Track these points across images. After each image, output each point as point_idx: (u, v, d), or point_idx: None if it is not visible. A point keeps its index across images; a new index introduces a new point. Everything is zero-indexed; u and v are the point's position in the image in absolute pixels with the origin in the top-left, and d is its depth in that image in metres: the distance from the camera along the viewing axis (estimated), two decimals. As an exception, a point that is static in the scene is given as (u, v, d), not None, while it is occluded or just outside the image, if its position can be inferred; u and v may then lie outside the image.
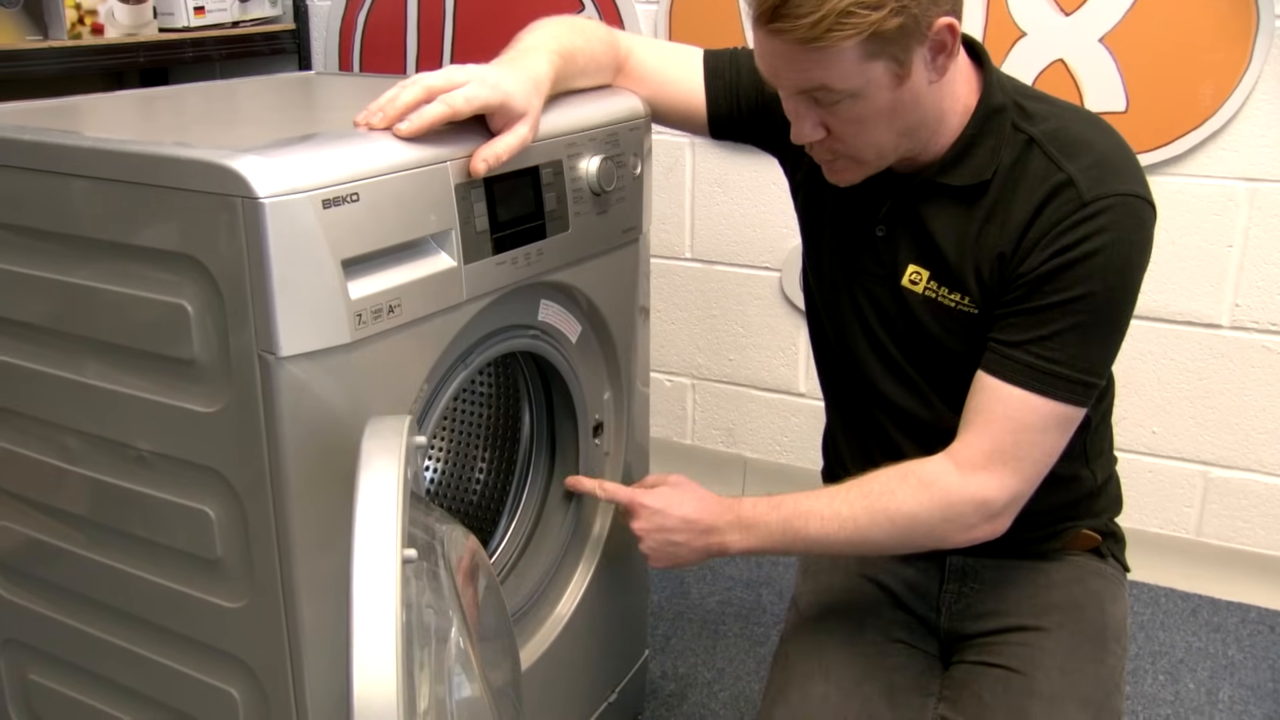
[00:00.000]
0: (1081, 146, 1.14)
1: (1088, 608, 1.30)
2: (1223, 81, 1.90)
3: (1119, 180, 1.12)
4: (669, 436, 2.59)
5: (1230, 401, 2.07)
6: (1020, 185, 1.15)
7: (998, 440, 1.15)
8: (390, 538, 0.77)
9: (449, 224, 1.11)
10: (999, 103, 1.17)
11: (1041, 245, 1.12)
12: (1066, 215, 1.11)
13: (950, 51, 1.10)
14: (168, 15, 2.30)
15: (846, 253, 1.29)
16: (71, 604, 1.28)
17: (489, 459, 1.55)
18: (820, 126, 1.13)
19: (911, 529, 1.18)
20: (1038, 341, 1.13)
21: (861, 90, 1.07)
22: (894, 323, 1.26)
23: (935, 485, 1.17)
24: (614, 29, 1.40)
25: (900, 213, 1.23)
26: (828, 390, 1.44)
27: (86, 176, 1.06)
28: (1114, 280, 1.12)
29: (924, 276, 1.22)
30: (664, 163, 2.36)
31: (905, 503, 1.18)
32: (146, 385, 1.09)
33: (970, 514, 1.17)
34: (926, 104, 1.13)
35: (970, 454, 1.17)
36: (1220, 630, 2.07)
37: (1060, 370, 1.13)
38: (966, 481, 1.16)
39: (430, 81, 1.11)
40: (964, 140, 1.17)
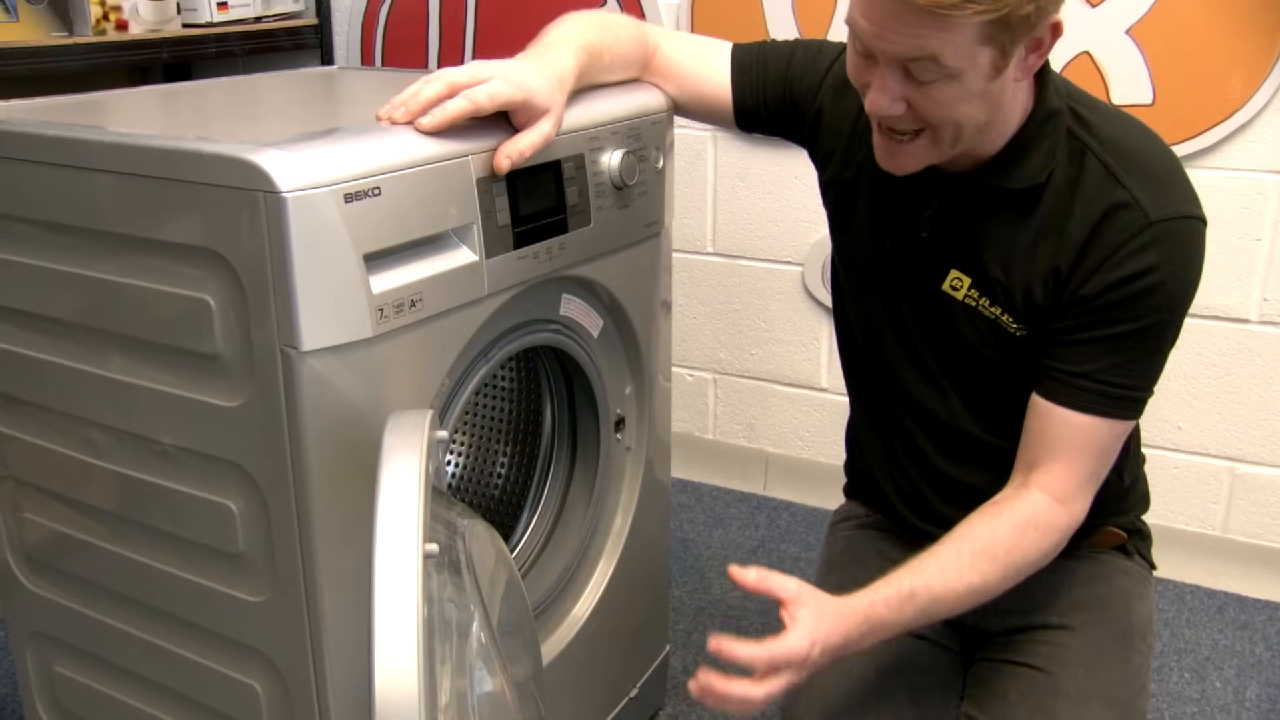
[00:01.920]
0: (1140, 160, 1.13)
1: (1113, 606, 1.29)
2: (1252, 73, 1.88)
3: (1181, 201, 1.11)
4: (691, 431, 2.58)
5: (1258, 397, 2.05)
6: (1077, 198, 1.13)
7: (1086, 468, 1.17)
8: (412, 532, 0.77)
9: (470, 218, 1.11)
10: (1055, 106, 1.14)
11: (1105, 269, 1.11)
12: (1130, 238, 1.10)
13: (1044, 51, 1.07)
14: (191, 11, 2.31)
15: (884, 253, 1.26)
16: (96, 597, 1.29)
17: (510, 454, 1.55)
18: (901, 101, 1.08)
19: (1029, 569, 1.19)
20: (1110, 369, 1.13)
21: (963, 73, 1.03)
22: (928, 326, 1.24)
23: (1051, 529, 1.18)
24: (642, 24, 1.39)
25: (947, 216, 1.20)
26: (852, 386, 1.42)
27: (110, 171, 1.06)
28: (1178, 305, 1.13)
29: (965, 284, 1.20)
30: (686, 157, 2.35)
31: (1031, 553, 1.17)
32: (170, 379, 1.09)
33: (1067, 535, 1.19)
34: (1005, 101, 1.10)
35: (1065, 487, 1.17)
36: (1248, 628, 2.05)
37: (1132, 394, 1.15)
38: (1068, 513, 1.18)
39: (453, 77, 1.11)
40: (1019, 143, 1.14)
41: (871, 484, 1.41)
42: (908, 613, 1.14)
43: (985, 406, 1.25)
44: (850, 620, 1.12)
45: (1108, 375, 1.13)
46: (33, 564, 1.35)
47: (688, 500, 2.51)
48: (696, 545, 2.34)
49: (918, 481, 1.33)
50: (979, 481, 1.28)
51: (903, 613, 1.14)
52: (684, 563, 2.27)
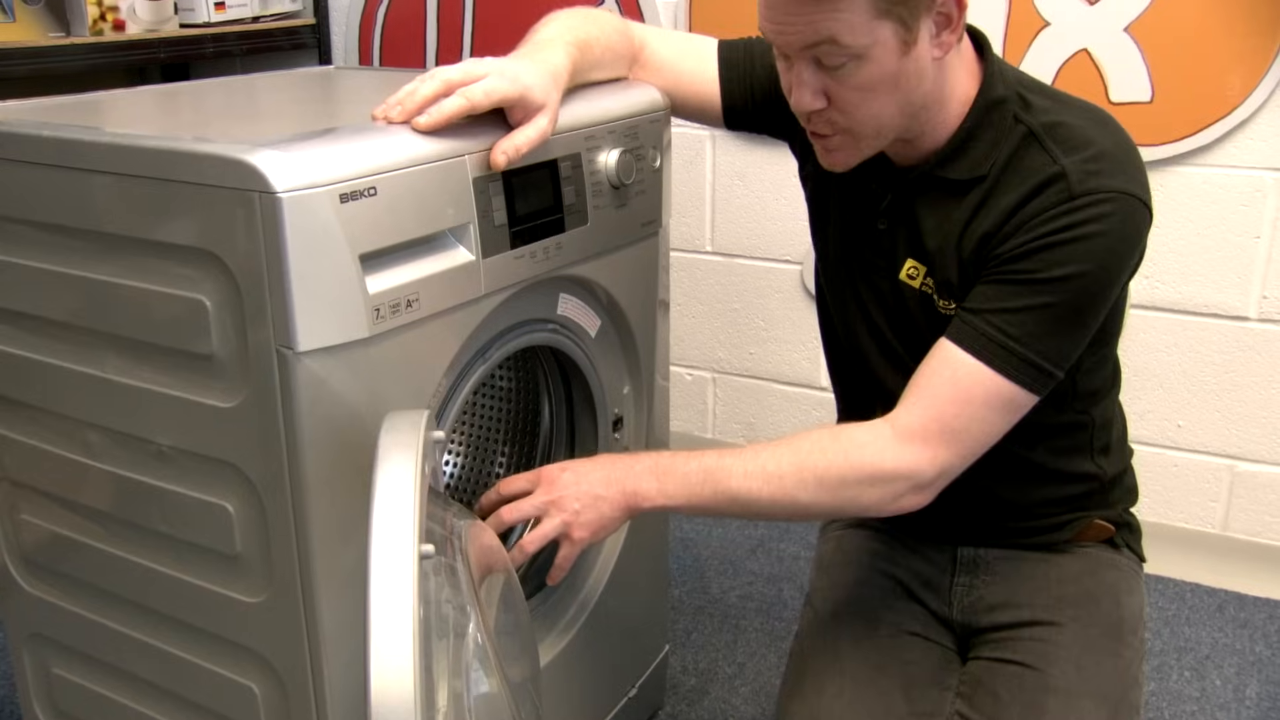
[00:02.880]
0: (1081, 142, 1.12)
1: (1102, 600, 1.28)
2: (1250, 71, 1.87)
3: (1113, 177, 1.10)
4: (690, 430, 2.58)
5: (1257, 395, 2.05)
6: (1014, 175, 1.13)
7: (940, 411, 1.13)
8: (408, 533, 0.77)
9: (467, 218, 1.11)
10: (999, 95, 1.15)
11: (1024, 229, 1.11)
12: (1053, 205, 1.10)
13: (955, 26, 1.09)
14: (188, 11, 2.30)
15: (851, 245, 1.28)
16: (93, 598, 1.28)
17: (508, 453, 1.55)
18: (821, 95, 1.11)
19: (838, 492, 1.15)
20: (1000, 313, 1.11)
21: (868, 51, 1.06)
22: (894, 317, 1.26)
23: (867, 451, 1.14)
24: (627, 20, 1.40)
25: (899, 207, 1.22)
26: (836, 382, 1.44)
27: (106, 172, 1.06)
28: (1090, 270, 1.09)
29: (921, 272, 1.21)
30: (684, 156, 2.35)
31: (834, 465, 1.14)
32: (166, 380, 1.09)
33: (899, 485, 1.14)
34: (929, 82, 1.11)
35: (910, 422, 1.14)
36: (1247, 626, 2.05)
37: (1015, 347, 1.11)
38: (900, 452, 1.13)
39: (448, 75, 1.10)
40: (962, 133, 1.16)
41: None
42: (692, 468, 1.17)
43: None
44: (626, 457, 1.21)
45: (996, 319, 1.11)
46: (30, 565, 1.35)
47: (687, 499, 2.51)
48: (696, 544, 2.34)
49: None
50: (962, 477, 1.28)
51: (687, 465, 1.17)
52: (683, 562, 2.26)
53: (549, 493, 1.18)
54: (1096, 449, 1.29)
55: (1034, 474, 1.27)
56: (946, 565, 1.35)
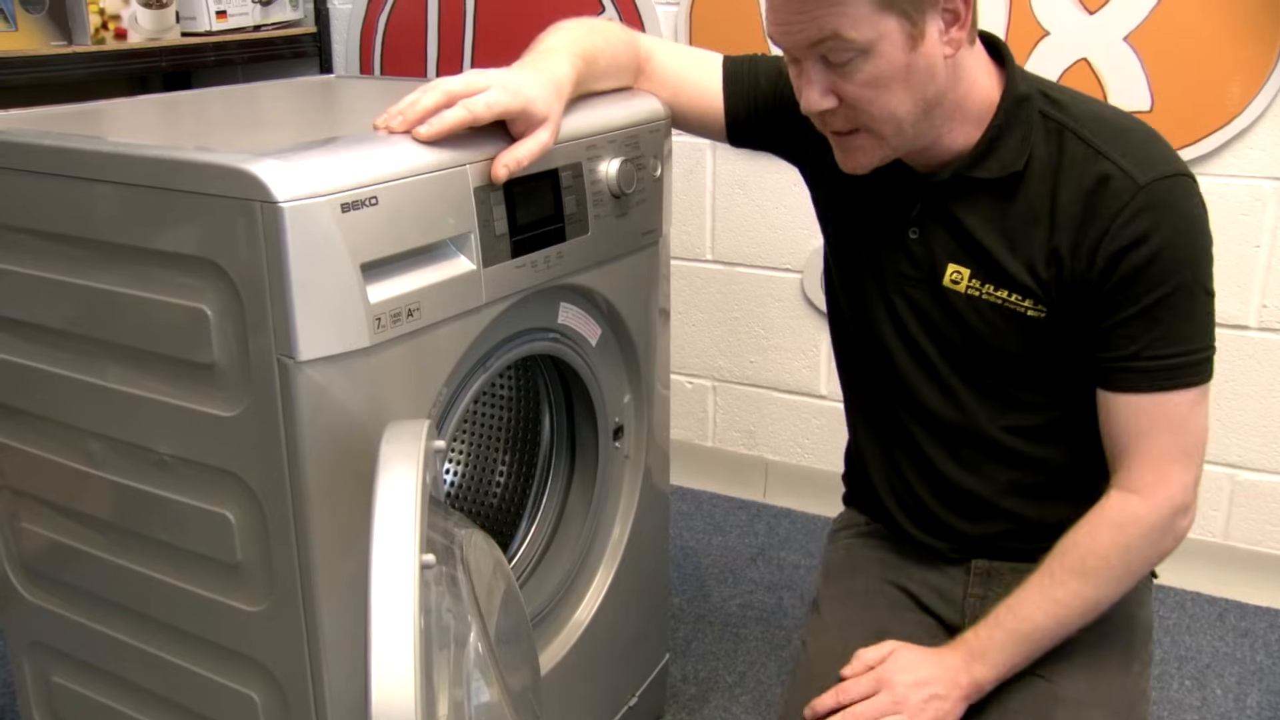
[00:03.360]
0: (1118, 131, 1.14)
1: (1114, 613, 1.28)
2: (1250, 79, 1.88)
3: (1164, 162, 1.12)
4: (690, 439, 2.58)
5: (1258, 404, 2.05)
6: (1060, 175, 1.14)
7: (1160, 450, 1.15)
8: (408, 543, 0.77)
9: (468, 227, 1.11)
10: (1024, 92, 1.16)
11: (1104, 243, 1.11)
12: (1122, 207, 1.10)
13: (963, 23, 1.09)
14: (190, 19, 2.31)
15: (879, 258, 1.27)
16: (94, 607, 1.28)
17: (509, 462, 1.55)
18: (830, 94, 1.11)
19: (1134, 570, 1.18)
20: (1153, 344, 1.12)
21: (874, 45, 1.06)
22: (935, 326, 1.24)
23: (1131, 524, 1.16)
24: (634, 31, 1.40)
25: (932, 213, 1.21)
26: (851, 393, 1.42)
27: (108, 181, 1.06)
28: (1192, 262, 1.11)
29: (965, 275, 1.20)
30: (685, 164, 2.35)
31: (1115, 557, 1.16)
32: (167, 389, 1.09)
33: (1170, 523, 1.17)
34: (942, 79, 1.11)
35: (1142, 477, 1.15)
36: (1248, 635, 2.04)
37: (1184, 360, 1.13)
38: (1154, 501, 1.15)
39: (450, 86, 1.11)
40: (992, 131, 1.16)
41: (870, 493, 1.40)
42: (998, 637, 1.19)
43: (1001, 402, 1.24)
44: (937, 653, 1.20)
45: (1152, 350, 1.12)
46: (30, 574, 1.35)
47: (687, 508, 2.51)
48: (696, 553, 2.34)
49: (920, 490, 1.33)
50: (988, 491, 1.28)
51: (994, 636, 1.19)
52: (684, 570, 2.26)
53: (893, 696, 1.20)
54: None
55: (1059, 481, 1.27)
56: (960, 576, 1.34)
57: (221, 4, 2.35)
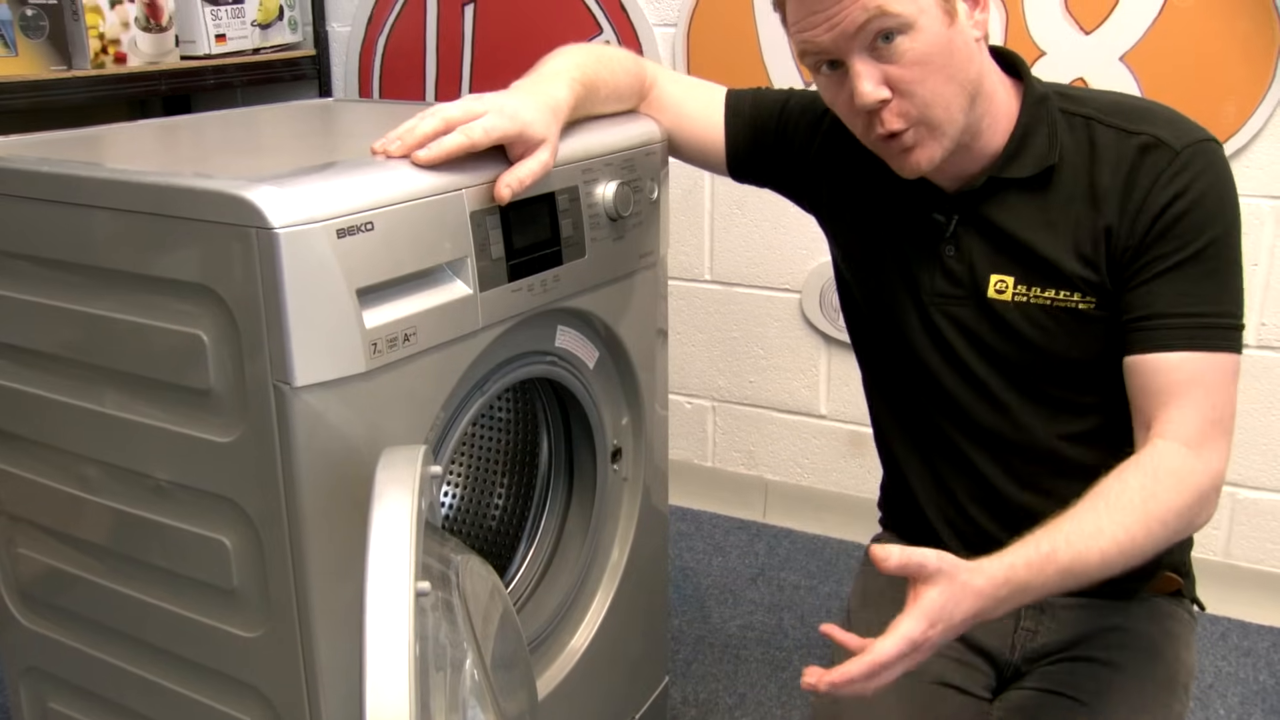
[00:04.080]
0: (1144, 111, 1.16)
1: (1163, 652, 1.25)
2: (1246, 99, 1.88)
3: (1195, 129, 1.14)
4: (690, 459, 2.58)
5: (1257, 422, 2.05)
6: (1096, 159, 1.16)
7: (1205, 410, 1.12)
8: (403, 572, 0.77)
9: (464, 251, 1.11)
10: (1041, 92, 1.19)
11: (1145, 206, 1.12)
12: (1163, 169, 1.12)
13: (983, 5, 1.13)
14: (189, 43, 2.32)
15: (914, 281, 1.25)
16: (90, 633, 1.28)
17: (507, 485, 1.55)
18: (883, 84, 1.10)
19: (1179, 528, 1.11)
20: (1179, 300, 1.12)
21: (916, 20, 1.08)
22: (982, 341, 1.23)
23: (1188, 475, 1.10)
24: (642, 60, 1.39)
25: (968, 226, 1.21)
26: (890, 423, 1.37)
27: (105, 208, 1.06)
28: (1223, 219, 1.12)
29: (1010, 283, 1.20)
30: (683, 185, 2.36)
31: (1172, 503, 1.09)
32: (163, 415, 1.09)
33: (1211, 492, 1.12)
34: (979, 63, 1.14)
35: (1189, 431, 1.11)
36: (1251, 655, 2.04)
37: (1212, 320, 1.12)
38: (1204, 461, 1.11)
39: (448, 113, 1.11)
40: (1020, 130, 1.18)
41: (918, 521, 1.35)
42: (1050, 573, 1.06)
43: (1057, 409, 1.22)
44: (986, 587, 1.04)
45: (1182, 307, 1.12)
46: (27, 600, 1.35)
47: (687, 528, 2.51)
48: (696, 574, 2.33)
49: (975, 514, 1.29)
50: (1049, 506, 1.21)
51: (1044, 573, 1.06)
52: (683, 591, 2.26)
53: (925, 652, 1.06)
54: None
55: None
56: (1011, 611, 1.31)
57: (221, 27, 2.36)
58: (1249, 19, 1.84)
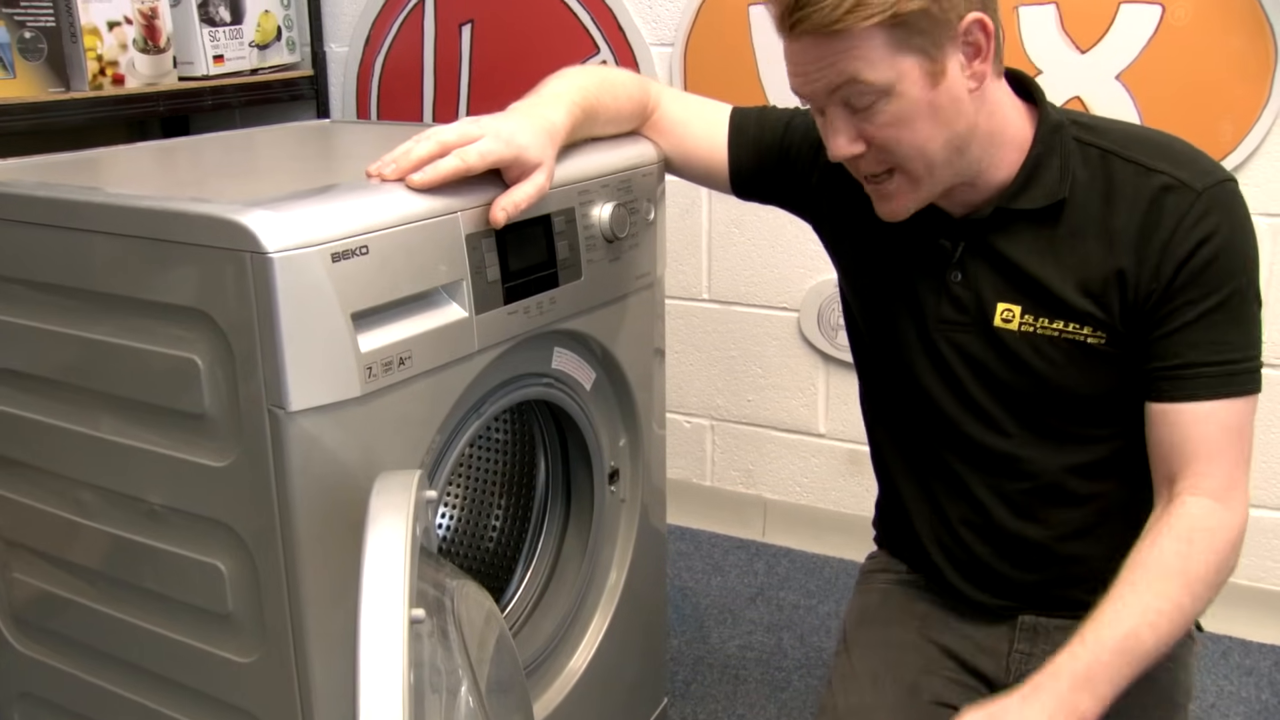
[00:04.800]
0: (1160, 146, 1.14)
1: (1161, 671, 1.24)
2: (1242, 117, 1.88)
3: (1215, 170, 1.12)
4: (688, 478, 2.57)
5: (1257, 440, 2.02)
6: (1111, 196, 1.13)
7: (1232, 459, 1.12)
8: (397, 600, 0.76)
9: (460, 274, 1.11)
10: (1057, 120, 1.16)
11: (1169, 250, 1.10)
12: (1185, 213, 1.09)
13: (985, 55, 1.08)
14: (187, 64, 2.32)
15: (919, 307, 1.24)
16: (84, 658, 1.27)
17: (504, 506, 1.54)
18: (857, 139, 1.10)
19: (1219, 582, 1.12)
20: (1211, 349, 1.11)
21: (894, 85, 1.05)
22: (987, 370, 1.21)
23: (1221, 531, 1.11)
24: (646, 81, 1.39)
25: (975, 252, 1.19)
26: (889, 446, 1.36)
27: (101, 232, 1.06)
28: (1248, 263, 1.11)
29: (1016, 312, 1.18)
30: (680, 204, 2.36)
31: (1211, 565, 1.10)
32: (158, 439, 1.09)
33: (1242, 537, 1.13)
34: (971, 114, 1.10)
35: (1219, 483, 1.11)
36: (1253, 674, 2.03)
37: (1241, 365, 1.11)
38: (1234, 511, 1.12)
39: (444, 136, 1.11)
40: (1031, 160, 1.15)
41: (913, 544, 1.35)
42: (1107, 660, 1.05)
43: (1062, 440, 1.21)
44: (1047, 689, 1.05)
45: (1212, 355, 1.11)
46: (21, 624, 1.34)
47: (686, 548, 2.50)
48: (695, 593, 2.32)
49: (970, 541, 1.28)
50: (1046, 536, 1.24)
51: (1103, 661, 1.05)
52: (682, 611, 2.25)
53: None
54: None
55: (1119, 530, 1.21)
56: (1006, 632, 1.30)
57: (219, 48, 2.37)
58: (1245, 37, 1.85)
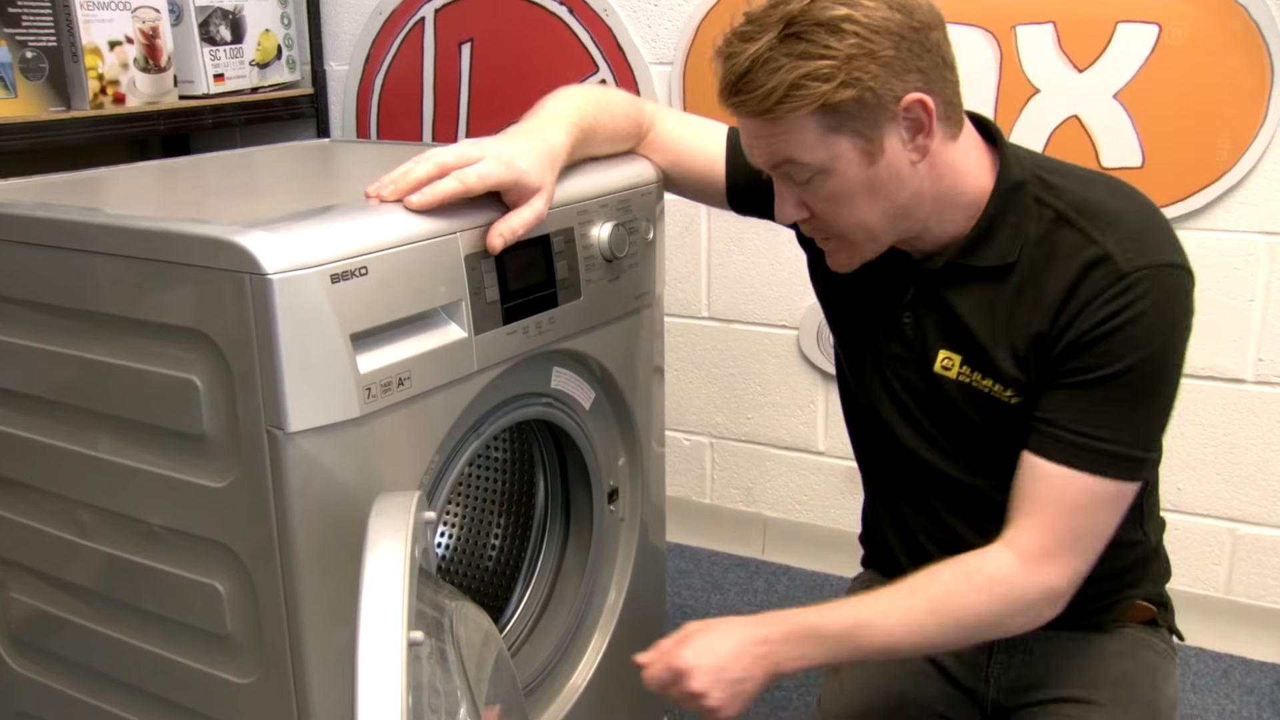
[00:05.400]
0: (1112, 217, 1.11)
1: (1140, 683, 1.25)
2: (1239, 135, 1.89)
3: (1157, 250, 1.09)
4: (688, 495, 2.57)
5: (1257, 457, 2.04)
6: (1052, 262, 1.12)
7: (1056, 527, 1.11)
8: (396, 623, 0.76)
9: (459, 295, 1.11)
10: (1018, 178, 1.14)
11: (1080, 319, 1.09)
12: (1105, 288, 1.08)
13: (929, 131, 1.07)
14: (188, 83, 2.33)
15: (874, 338, 1.26)
16: (82, 678, 1.27)
17: (504, 526, 1.54)
18: (801, 206, 1.13)
19: (979, 628, 1.14)
20: (1079, 417, 1.09)
21: (829, 165, 1.07)
22: (929, 405, 1.23)
23: (1002, 583, 1.12)
24: (640, 100, 1.40)
25: (925, 298, 1.20)
26: (859, 451, 1.40)
27: (101, 253, 1.06)
28: (1156, 351, 1.08)
29: (956, 361, 1.19)
30: (680, 222, 2.36)
31: (973, 604, 1.12)
32: (157, 460, 1.09)
33: (1038, 604, 1.13)
34: (914, 184, 1.10)
35: (1030, 543, 1.12)
36: (1254, 692, 2.02)
37: (1108, 447, 1.09)
38: (1033, 575, 1.11)
39: (443, 158, 1.11)
40: (985, 221, 1.14)
41: (890, 559, 1.37)
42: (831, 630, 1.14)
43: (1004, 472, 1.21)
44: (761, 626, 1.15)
45: (1075, 424, 1.09)
46: (18, 644, 1.34)
47: (685, 565, 2.49)
48: (695, 611, 2.31)
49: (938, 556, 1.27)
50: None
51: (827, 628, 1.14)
52: (682, 630, 2.24)
53: (691, 684, 1.15)
54: (1145, 513, 1.26)
55: None
56: (984, 644, 1.31)
57: (219, 67, 2.37)
58: (1242, 56, 1.85)
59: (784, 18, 1.02)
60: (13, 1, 1.92)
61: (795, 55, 1.01)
